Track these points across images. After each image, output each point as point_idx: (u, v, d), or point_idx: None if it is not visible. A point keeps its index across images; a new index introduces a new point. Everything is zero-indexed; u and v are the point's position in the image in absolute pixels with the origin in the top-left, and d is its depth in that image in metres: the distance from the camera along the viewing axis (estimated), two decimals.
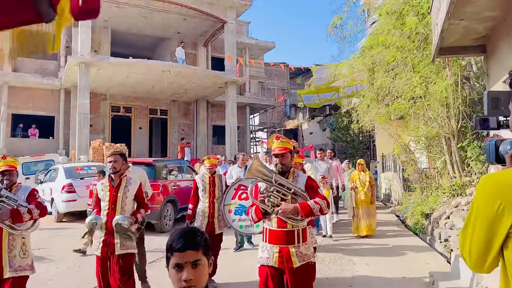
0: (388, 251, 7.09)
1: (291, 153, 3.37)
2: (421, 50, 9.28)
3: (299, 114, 28.94)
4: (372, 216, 8.51)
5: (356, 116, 12.22)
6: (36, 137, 19.14)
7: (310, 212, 3.09)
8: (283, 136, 3.38)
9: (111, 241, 4.11)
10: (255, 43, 23.07)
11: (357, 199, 8.53)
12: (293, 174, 3.37)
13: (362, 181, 8.54)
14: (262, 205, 3.16)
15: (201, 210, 5.63)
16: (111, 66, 15.84)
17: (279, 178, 3.20)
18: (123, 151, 5.55)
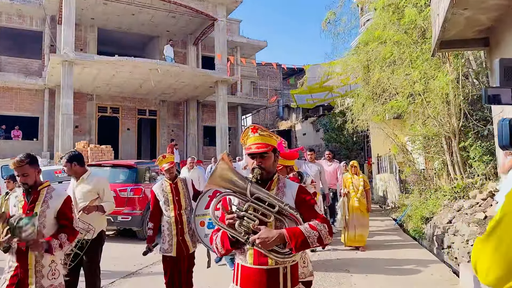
0: (387, 260, 6.54)
1: (275, 152, 2.35)
2: (419, 44, 8.79)
3: (292, 115, 28.46)
4: (364, 226, 7.50)
5: (350, 116, 11.73)
6: (19, 139, 18.42)
7: (303, 242, 2.05)
8: (263, 128, 2.36)
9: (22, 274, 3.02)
10: (246, 42, 22.53)
11: (350, 206, 7.57)
12: (277, 184, 2.33)
13: (355, 186, 7.59)
14: (231, 231, 2.12)
15: (166, 227, 4.45)
16: (96, 65, 15.21)
17: (256, 189, 2.19)
18: (33, 154, 3.32)
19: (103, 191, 4.30)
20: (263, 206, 2.16)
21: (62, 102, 14.83)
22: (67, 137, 14.58)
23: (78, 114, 18.48)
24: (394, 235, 8.76)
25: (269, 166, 2.29)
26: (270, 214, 2.15)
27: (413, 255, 6.87)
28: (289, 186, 2.34)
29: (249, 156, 2.31)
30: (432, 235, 7.68)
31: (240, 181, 2.21)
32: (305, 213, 2.21)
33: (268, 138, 2.32)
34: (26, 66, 18.50)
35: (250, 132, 2.35)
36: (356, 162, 8.04)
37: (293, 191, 2.31)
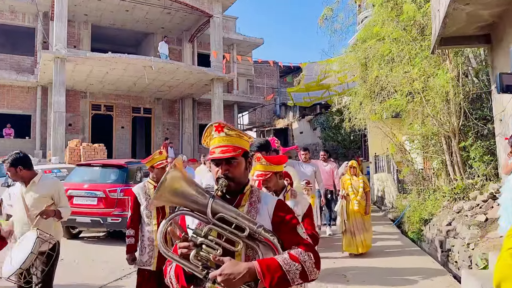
0: (385, 263, 6.31)
1: (247, 157, 1.88)
2: (418, 41, 8.57)
3: (289, 113, 28.22)
4: (367, 230, 7.00)
5: (348, 114, 11.51)
6: (11, 137, 18.11)
7: (281, 279, 1.56)
8: (231, 126, 1.88)
9: None
10: (243, 39, 22.28)
11: (348, 210, 7.05)
12: (250, 198, 1.82)
13: (354, 188, 7.07)
14: (185, 264, 1.62)
15: (146, 237, 3.92)
16: (88, 62, 14.92)
17: (221, 207, 1.68)
18: None
19: (58, 195, 3.81)
20: (228, 229, 1.64)
21: (54, 100, 14.56)
22: (59, 135, 14.31)
23: (71, 112, 18.21)
24: (394, 240, 8.37)
25: (238, 175, 1.79)
26: (238, 241, 1.63)
27: (414, 261, 6.64)
28: (265, 201, 1.83)
29: (213, 163, 1.81)
30: (432, 237, 7.48)
31: (199, 196, 1.69)
32: (286, 238, 1.70)
33: (237, 139, 1.81)
34: (18, 63, 18.20)
35: (214, 131, 1.83)
36: (356, 162, 7.51)
37: (269, 207, 1.79)
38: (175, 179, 1.68)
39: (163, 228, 1.64)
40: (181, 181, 1.69)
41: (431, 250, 7.38)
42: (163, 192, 1.67)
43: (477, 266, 5.10)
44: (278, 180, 3.02)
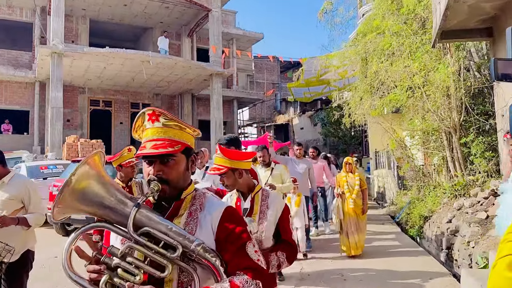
0: (384, 263, 6.16)
1: (189, 154, 1.49)
2: (419, 35, 8.41)
3: (290, 109, 28.07)
4: (361, 231, 6.59)
5: (348, 110, 11.36)
6: (9, 133, 18.03)
7: None
8: (169, 114, 1.46)
9: None
10: (242, 33, 22.08)
11: (344, 209, 6.66)
12: (190, 206, 1.45)
13: (350, 185, 6.68)
14: None
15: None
16: (86, 57, 14.78)
17: (146, 219, 1.31)
18: None
19: (29, 198, 3.29)
20: (154, 248, 1.26)
21: (51, 95, 14.44)
22: (57, 131, 14.21)
23: (69, 107, 18.10)
24: (393, 239, 8.00)
25: (175, 178, 1.41)
26: (167, 264, 1.26)
27: (414, 261, 6.50)
28: (209, 210, 1.43)
29: (144, 161, 1.43)
30: (431, 235, 7.35)
31: (119, 203, 1.30)
32: (231, 259, 1.34)
33: (176, 131, 1.43)
34: (16, 58, 18.06)
35: (147, 120, 1.43)
36: (351, 158, 7.08)
37: (214, 217, 1.40)
38: (85, 178, 1.26)
39: (68, 246, 1.27)
40: (94, 181, 1.27)
41: (430, 248, 7.25)
42: (66, 197, 1.24)
43: (477, 264, 4.98)
44: (238, 178, 2.57)
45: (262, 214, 2.53)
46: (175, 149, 1.40)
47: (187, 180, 1.49)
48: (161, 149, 1.37)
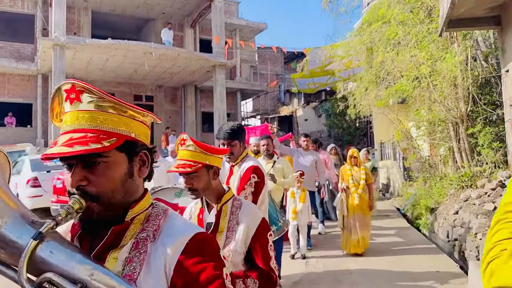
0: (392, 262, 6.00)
1: (132, 150, 0.99)
2: (426, 24, 8.26)
3: (294, 100, 27.92)
4: (366, 227, 6.16)
5: (352, 101, 11.25)
6: (13, 126, 18.02)
7: None
8: (95, 89, 0.95)
9: None
10: (245, 24, 21.88)
11: (349, 204, 6.24)
12: (139, 232, 0.97)
13: (355, 179, 6.26)
14: None
15: None
16: (88, 48, 14.68)
17: (55, 257, 0.84)
18: None
19: None
20: None
21: (54, 88, 14.34)
22: None
23: None
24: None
25: (108, 189, 0.93)
26: None
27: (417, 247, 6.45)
28: (166, 238, 0.96)
29: (64, 165, 0.97)
30: (438, 226, 7.28)
31: (9, 230, 0.85)
32: None
33: (109, 117, 0.94)
34: (18, 51, 17.98)
35: (64, 100, 0.95)
36: (356, 151, 6.63)
37: (171, 252, 0.93)
38: None
39: None
40: None
41: (437, 240, 7.18)
42: None
43: None
44: (212, 179, 1.96)
45: (230, 233, 1.88)
46: (105, 145, 0.90)
47: (135, 191, 1.00)
48: (79, 145, 0.87)
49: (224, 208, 1.96)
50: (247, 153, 3.14)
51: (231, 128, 2.92)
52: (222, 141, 2.95)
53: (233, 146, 2.95)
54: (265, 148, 5.28)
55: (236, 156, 3.01)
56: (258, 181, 2.93)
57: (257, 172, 2.95)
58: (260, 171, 3.00)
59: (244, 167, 3.01)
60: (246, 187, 2.90)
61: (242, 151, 3.04)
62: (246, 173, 2.94)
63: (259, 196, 2.93)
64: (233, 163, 3.10)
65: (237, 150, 2.99)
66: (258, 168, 3.01)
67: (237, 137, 2.96)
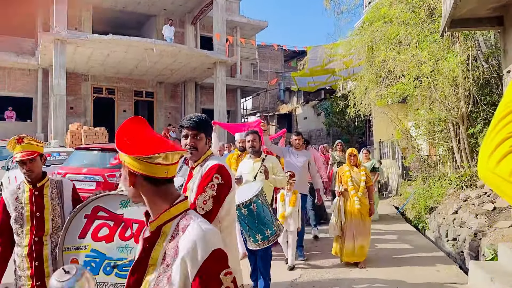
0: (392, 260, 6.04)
1: None
2: (427, 23, 8.28)
3: (293, 98, 27.94)
4: (366, 234, 5.49)
5: (352, 100, 11.26)
6: (13, 120, 18.00)
7: None
8: None
9: None
10: (246, 21, 21.85)
11: (347, 209, 5.51)
12: None
13: (355, 181, 5.58)
14: None
15: (17, 263, 2.76)
16: (89, 44, 14.66)
17: None
18: None
19: None
20: None
21: (54, 83, 14.36)
22: (60, 118, 14.16)
23: (72, 95, 18.03)
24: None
25: None
26: None
27: (416, 246, 6.47)
28: None
29: None
30: (437, 226, 7.31)
31: None
32: None
33: None
34: (19, 45, 17.93)
35: None
36: (355, 150, 5.93)
37: None
38: None
39: None
40: None
41: (436, 239, 7.21)
42: None
43: (485, 257, 4.93)
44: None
45: (165, 268, 1.29)
46: None
47: None
48: None
49: (165, 230, 1.34)
50: (212, 153, 2.55)
51: (200, 118, 2.47)
52: (186, 131, 2.43)
53: (198, 140, 2.43)
54: (250, 145, 4.64)
55: (200, 153, 2.45)
56: (222, 183, 2.30)
57: (222, 173, 2.34)
58: (226, 172, 2.38)
59: (207, 165, 2.40)
60: (206, 190, 2.26)
61: (206, 150, 2.50)
62: (209, 172, 2.33)
63: (222, 203, 2.31)
64: (193, 163, 2.50)
65: (202, 145, 2.45)
66: (224, 168, 2.39)
67: (204, 130, 2.47)
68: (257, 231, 3.67)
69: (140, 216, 1.95)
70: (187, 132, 2.43)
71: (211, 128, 2.59)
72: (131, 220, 2.08)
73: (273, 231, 3.71)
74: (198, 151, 2.43)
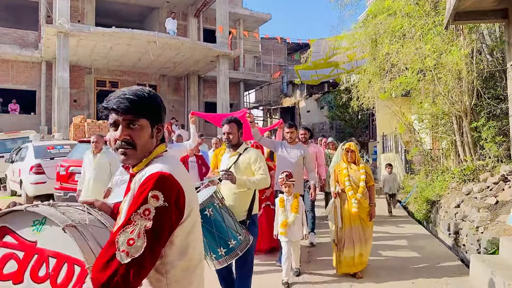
0: (390, 239, 6.02)
1: None
2: (431, 16, 8.22)
3: (296, 92, 27.87)
4: (366, 241, 4.84)
5: (356, 93, 11.23)
6: (16, 113, 18.08)
7: None
8: None
9: None
10: (249, 14, 21.77)
11: (345, 213, 4.85)
12: None
13: (353, 181, 4.88)
14: None
15: None
16: (92, 36, 14.66)
17: None
18: None
19: None
20: None
21: (58, 75, 14.40)
22: (63, 111, 14.21)
23: (76, 88, 18.08)
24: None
25: None
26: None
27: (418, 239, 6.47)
28: None
29: None
30: (439, 219, 7.31)
31: None
32: None
33: None
34: (22, 38, 17.96)
35: None
36: (354, 145, 5.13)
37: None
38: None
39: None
40: None
41: (438, 233, 7.22)
42: None
43: (486, 250, 4.94)
44: None
45: None
46: None
47: None
48: None
49: None
50: (165, 149, 1.57)
51: (137, 94, 1.49)
52: (115, 116, 1.47)
53: (136, 130, 1.47)
54: (225, 137, 3.81)
55: (140, 152, 1.49)
56: (163, 206, 1.32)
57: (164, 188, 1.35)
58: (174, 186, 1.38)
59: (145, 173, 1.42)
60: (135, 219, 1.30)
61: (153, 146, 1.53)
62: (142, 188, 1.36)
63: (164, 241, 1.37)
64: (132, 169, 1.53)
65: (143, 139, 1.49)
66: (170, 180, 1.38)
67: (146, 113, 1.50)
68: (219, 243, 2.97)
69: (60, 246, 1.36)
70: (116, 118, 1.46)
71: (161, 110, 1.56)
72: (47, 252, 1.38)
73: (239, 241, 3.03)
74: (137, 149, 1.46)
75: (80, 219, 1.45)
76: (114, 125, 1.48)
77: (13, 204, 1.53)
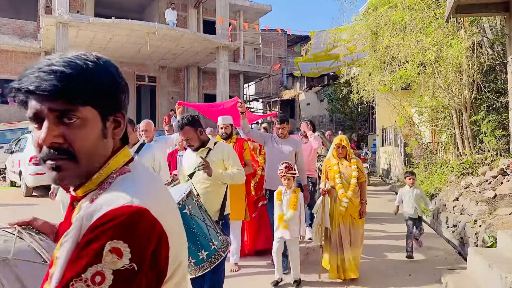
0: (387, 232, 6.06)
1: None
2: (432, 9, 8.18)
3: (296, 84, 27.83)
4: (356, 243, 4.46)
5: (356, 86, 11.21)
6: (16, 104, 18.00)
7: None
8: None
9: None
10: (250, 5, 21.63)
11: (334, 211, 4.51)
12: None
13: (345, 178, 4.52)
14: None
15: None
16: (91, 27, 14.57)
17: None
18: None
19: None
20: None
21: None
22: None
23: None
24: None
25: None
26: None
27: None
28: None
29: None
30: (437, 213, 7.34)
31: None
32: None
33: None
34: (21, 28, 17.86)
35: None
36: (345, 139, 4.70)
37: None
38: None
39: None
40: None
41: (436, 226, 7.25)
42: None
43: (484, 243, 4.96)
44: None
45: None
46: None
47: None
48: None
49: None
50: (132, 157, 0.99)
51: (72, 65, 0.88)
52: (36, 105, 0.86)
53: (76, 127, 0.86)
54: (186, 144, 3.55)
55: (84, 167, 0.89)
56: (127, 269, 0.77)
57: (129, 237, 0.78)
58: (144, 231, 0.80)
59: (95, 209, 0.82)
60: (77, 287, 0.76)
61: (111, 150, 0.95)
62: (90, 237, 0.79)
63: None
64: (73, 191, 0.94)
65: (89, 141, 0.88)
66: (143, 219, 0.81)
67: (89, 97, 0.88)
68: (200, 245, 2.61)
69: None
70: (37, 108, 0.86)
71: (117, 90, 0.95)
72: None
73: (220, 241, 2.70)
74: (79, 160, 0.87)
75: (1, 250, 1.01)
76: (35, 119, 0.87)
77: None
